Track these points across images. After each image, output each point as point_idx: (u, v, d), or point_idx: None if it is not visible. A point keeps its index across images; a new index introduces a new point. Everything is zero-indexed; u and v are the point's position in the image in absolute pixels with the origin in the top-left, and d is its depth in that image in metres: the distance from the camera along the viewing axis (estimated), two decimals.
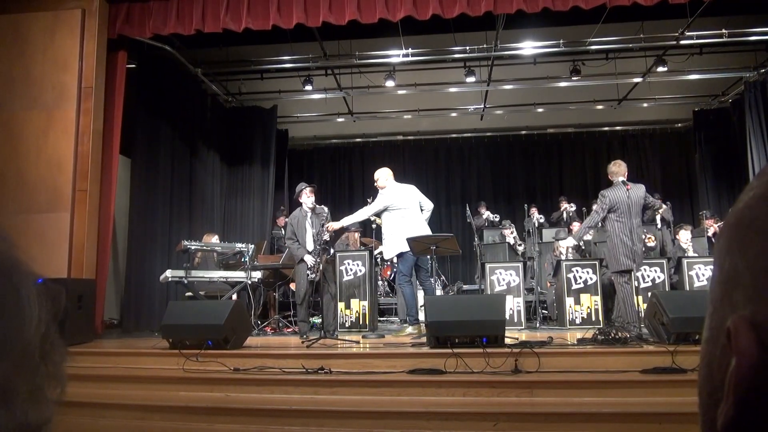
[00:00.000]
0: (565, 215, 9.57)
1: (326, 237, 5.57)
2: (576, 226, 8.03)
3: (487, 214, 9.97)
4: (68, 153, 5.94)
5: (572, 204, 9.79)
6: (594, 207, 6.00)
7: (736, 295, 0.37)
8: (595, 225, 5.50)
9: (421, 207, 5.99)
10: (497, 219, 10.18)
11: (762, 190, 0.37)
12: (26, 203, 5.86)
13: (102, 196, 6.18)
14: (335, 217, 6.31)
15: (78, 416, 3.86)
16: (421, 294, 6.05)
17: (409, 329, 5.73)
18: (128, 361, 4.76)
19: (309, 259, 5.56)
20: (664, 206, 8.03)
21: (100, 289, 6.08)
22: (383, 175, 6.02)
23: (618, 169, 5.45)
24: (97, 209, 6.10)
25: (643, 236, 5.38)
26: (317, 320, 6.06)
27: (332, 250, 5.81)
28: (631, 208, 5.24)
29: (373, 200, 6.08)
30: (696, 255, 7.26)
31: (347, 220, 6.04)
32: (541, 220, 9.94)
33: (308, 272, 5.55)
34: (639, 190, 5.33)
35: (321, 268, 5.45)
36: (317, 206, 5.84)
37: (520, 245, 9.04)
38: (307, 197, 5.85)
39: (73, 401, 3.95)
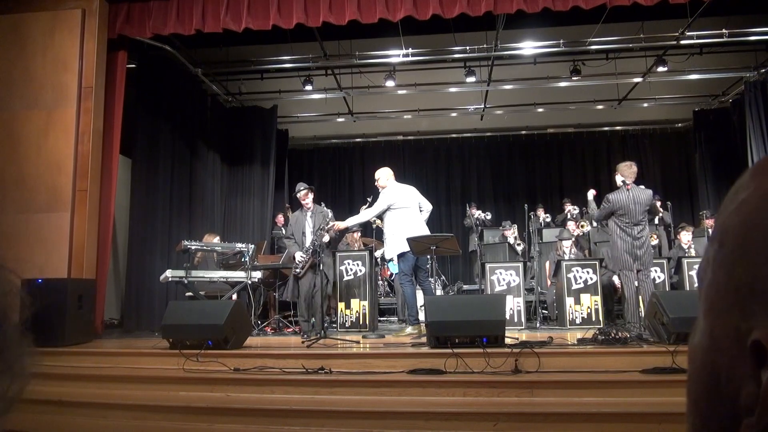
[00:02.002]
0: (568, 216, 9.57)
1: (325, 239, 5.57)
2: (571, 225, 8.05)
3: (477, 213, 9.97)
4: (68, 153, 5.94)
5: (575, 206, 9.80)
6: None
7: (752, 304, 0.35)
8: (601, 217, 5.69)
9: (420, 208, 5.99)
10: (488, 217, 10.17)
11: None
12: (26, 203, 5.86)
13: (102, 196, 6.17)
14: (338, 217, 6.31)
15: (78, 416, 3.86)
16: (420, 294, 6.05)
17: (409, 329, 5.73)
18: (128, 361, 4.75)
19: (298, 256, 5.61)
20: (662, 211, 8.04)
21: (100, 289, 6.08)
22: (384, 175, 6.02)
23: (626, 170, 5.48)
24: (97, 209, 6.09)
25: (647, 237, 5.38)
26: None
27: (322, 250, 5.79)
28: (632, 210, 5.25)
29: (373, 199, 6.08)
30: (696, 255, 7.26)
31: (352, 221, 6.05)
32: (548, 220, 9.93)
33: (294, 268, 5.60)
34: (642, 193, 5.34)
35: (306, 266, 5.49)
36: (320, 206, 5.85)
37: (519, 245, 9.04)
38: (302, 199, 5.90)
39: (73, 401, 3.95)
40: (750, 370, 0.35)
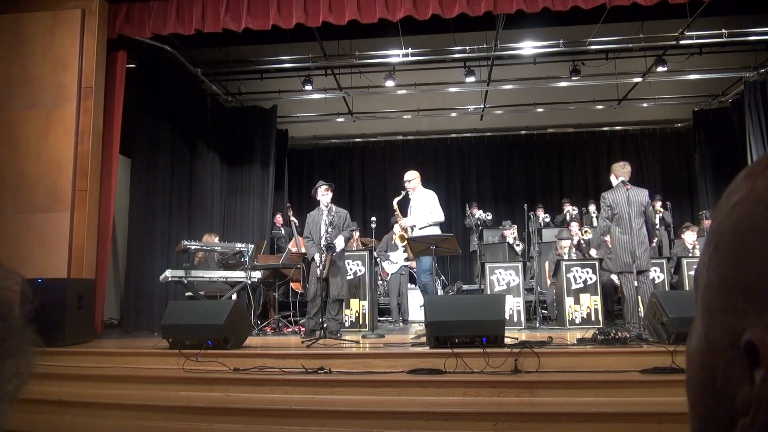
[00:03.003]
0: (567, 217, 9.57)
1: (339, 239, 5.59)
2: (573, 226, 8.04)
3: (478, 213, 9.97)
4: (68, 153, 5.94)
5: (574, 207, 9.80)
6: (599, 212, 6.03)
7: (745, 305, 0.35)
8: (605, 229, 5.51)
9: None
10: (489, 217, 10.17)
11: (764, 193, 0.36)
12: (26, 203, 5.86)
13: (102, 196, 6.17)
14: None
15: (78, 416, 3.86)
16: (420, 294, 6.07)
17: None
18: (128, 361, 4.76)
19: (317, 259, 5.55)
20: (662, 211, 8.04)
21: (100, 289, 6.08)
22: (417, 177, 6.11)
23: (620, 170, 5.47)
24: (97, 209, 6.09)
25: (646, 237, 5.37)
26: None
27: (338, 249, 5.76)
28: (630, 210, 5.25)
29: (405, 195, 6.14)
30: (698, 255, 7.26)
31: (421, 223, 5.91)
32: (547, 220, 9.93)
33: (317, 270, 5.56)
34: (640, 193, 5.34)
35: (327, 265, 5.47)
36: (335, 208, 5.80)
37: (518, 245, 9.04)
38: (322, 195, 5.85)
39: (73, 401, 3.95)
40: (744, 370, 0.35)
